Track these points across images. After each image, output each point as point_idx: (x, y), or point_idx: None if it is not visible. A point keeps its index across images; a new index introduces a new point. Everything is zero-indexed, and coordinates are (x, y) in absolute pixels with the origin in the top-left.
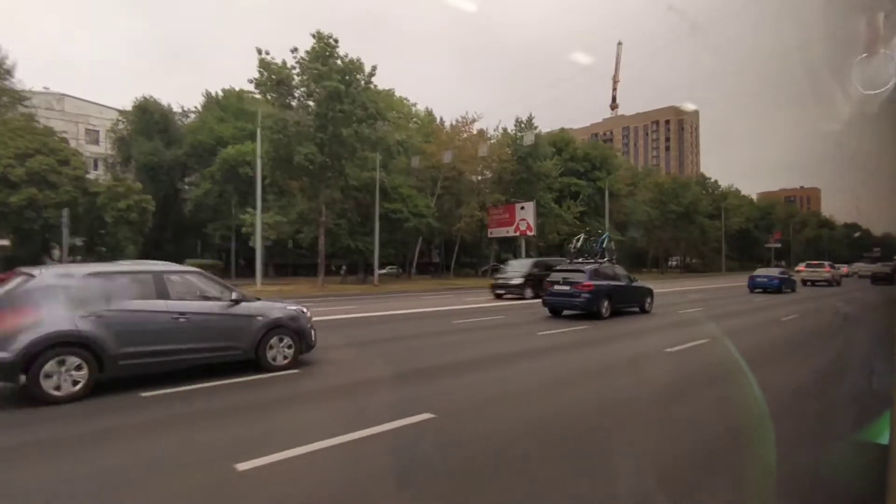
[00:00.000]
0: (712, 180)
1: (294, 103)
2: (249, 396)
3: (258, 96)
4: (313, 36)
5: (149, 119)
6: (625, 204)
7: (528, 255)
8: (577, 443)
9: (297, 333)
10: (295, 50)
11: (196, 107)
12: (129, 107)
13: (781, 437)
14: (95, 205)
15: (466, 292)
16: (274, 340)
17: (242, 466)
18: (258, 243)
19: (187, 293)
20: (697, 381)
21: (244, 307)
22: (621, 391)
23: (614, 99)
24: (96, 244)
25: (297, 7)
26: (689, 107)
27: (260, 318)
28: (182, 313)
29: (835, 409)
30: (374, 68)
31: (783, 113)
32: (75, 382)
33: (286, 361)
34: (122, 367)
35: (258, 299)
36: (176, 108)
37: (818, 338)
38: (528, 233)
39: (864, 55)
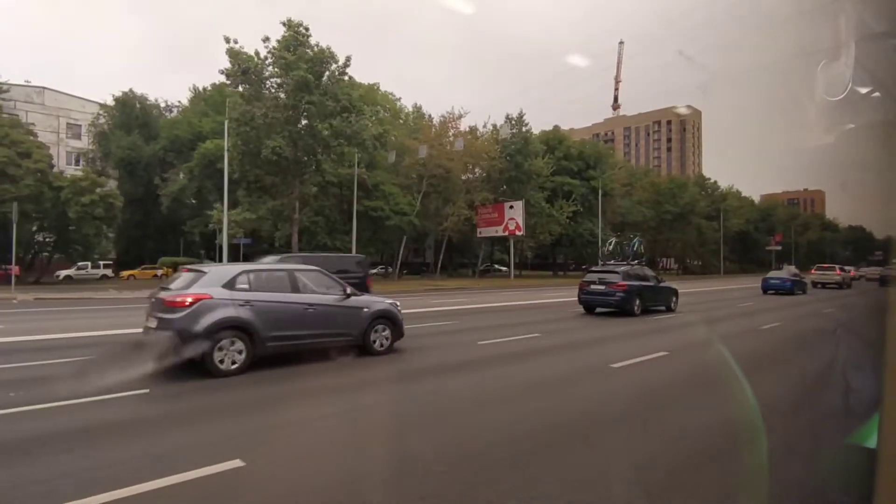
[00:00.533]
0: (711, 181)
1: (267, 95)
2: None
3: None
4: (283, 24)
5: (129, 113)
6: (620, 204)
7: (522, 256)
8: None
9: (394, 323)
10: (266, 39)
11: (179, 101)
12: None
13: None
14: (59, 200)
15: (444, 294)
16: (377, 329)
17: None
18: (224, 241)
19: (311, 288)
20: (626, 411)
21: (354, 300)
22: (527, 423)
23: (616, 99)
24: (64, 240)
25: (305, 7)
26: (683, 111)
27: (366, 309)
28: (310, 304)
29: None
30: (348, 59)
31: (785, 115)
32: (236, 359)
33: (385, 347)
34: (268, 347)
35: (363, 294)
36: (162, 104)
37: (793, 351)
38: (517, 232)
39: (824, 61)
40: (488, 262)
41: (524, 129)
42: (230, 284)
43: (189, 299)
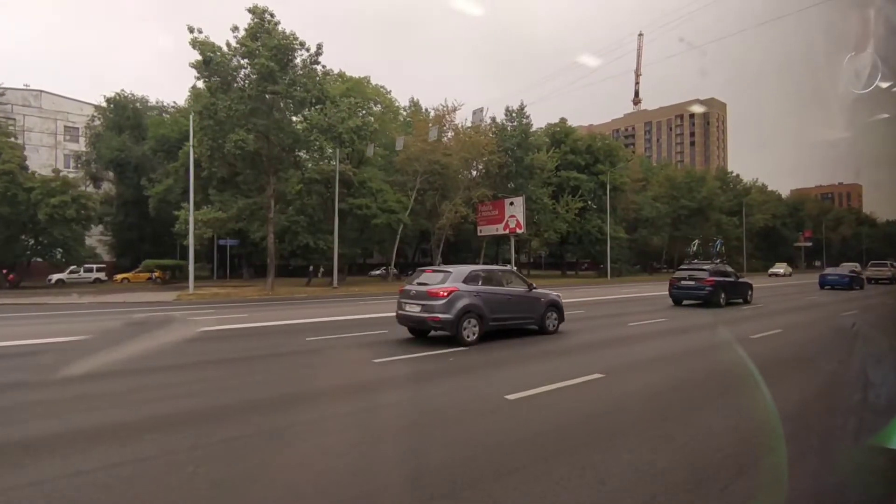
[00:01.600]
0: (733, 174)
1: (235, 87)
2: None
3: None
4: (249, 11)
5: (121, 114)
6: (634, 200)
7: (535, 256)
8: None
9: (559, 310)
10: (235, 29)
11: (175, 102)
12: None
13: None
14: (30, 201)
15: None
16: (549, 314)
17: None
18: (191, 242)
19: (509, 282)
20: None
21: (535, 292)
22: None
23: (637, 93)
24: (39, 243)
25: (318, 9)
26: (698, 108)
27: (543, 299)
28: (511, 295)
29: None
30: (319, 46)
31: (814, 109)
32: (473, 333)
33: (554, 328)
34: (490, 325)
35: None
36: (160, 105)
37: (782, 373)
38: (518, 230)
39: (852, 53)
40: (499, 262)
41: (524, 121)
42: (467, 280)
43: (446, 291)
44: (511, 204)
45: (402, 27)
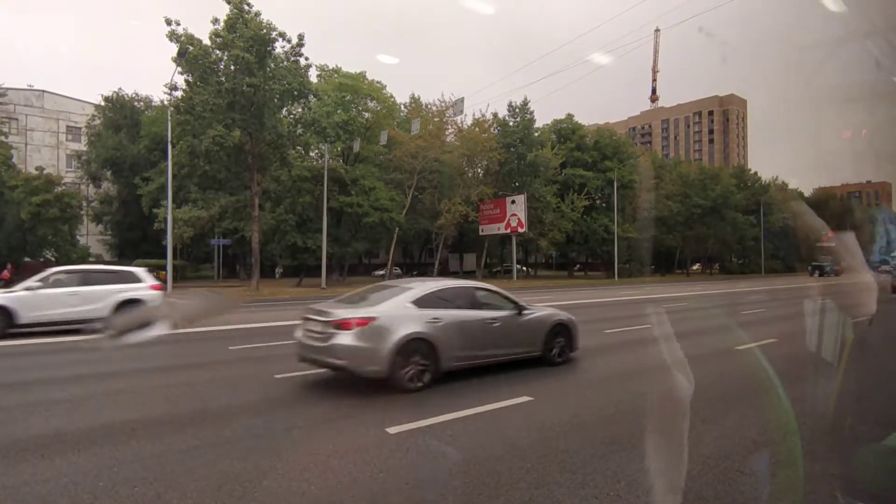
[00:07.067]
0: (751, 172)
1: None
2: None
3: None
4: (227, 1)
5: (118, 113)
6: (645, 198)
7: (546, 256)
8: None
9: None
10: (216, 21)
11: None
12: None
13: None
14: (13, 200)
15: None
16: None
17: None
18: (169, 241)
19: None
20: None
21: None
22: None
23: (654, 90)
24: (28, 243)
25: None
26: (711, 107)
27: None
28: None
29: None
30: (301, 37)
31: (838, 105)
32: None
33: None
34: None
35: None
36: (156, 102)
37: (745, 398)
38: (520, 229)
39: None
40: (504, 262)
41: (528, 116)
42: None
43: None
44: (512, 202)
45: (422, 30)
